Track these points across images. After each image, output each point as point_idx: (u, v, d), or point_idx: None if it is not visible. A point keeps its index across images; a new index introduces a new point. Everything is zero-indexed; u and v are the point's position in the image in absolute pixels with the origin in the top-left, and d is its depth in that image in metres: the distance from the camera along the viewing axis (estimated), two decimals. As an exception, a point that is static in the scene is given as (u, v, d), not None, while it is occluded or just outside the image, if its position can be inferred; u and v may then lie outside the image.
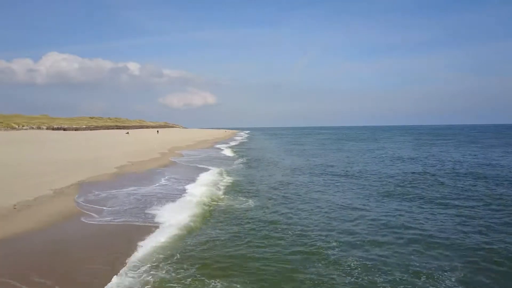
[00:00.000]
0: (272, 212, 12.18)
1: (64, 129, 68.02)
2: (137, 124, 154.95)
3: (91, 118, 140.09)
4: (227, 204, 13.33)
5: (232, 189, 16.23)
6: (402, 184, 17.59)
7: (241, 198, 14.35)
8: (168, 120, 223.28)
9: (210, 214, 11.76)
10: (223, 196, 14.73)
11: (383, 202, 13.80)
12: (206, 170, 22.33)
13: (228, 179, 18.98)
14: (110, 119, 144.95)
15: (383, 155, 33.15)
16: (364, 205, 13.25)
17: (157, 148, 36.92)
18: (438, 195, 14.81)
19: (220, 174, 20.52)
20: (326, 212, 12.11)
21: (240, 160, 29.99)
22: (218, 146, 48.47)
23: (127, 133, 70.17)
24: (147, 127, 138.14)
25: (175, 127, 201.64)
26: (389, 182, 18.35)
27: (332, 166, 25.62)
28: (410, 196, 14.82)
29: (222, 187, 16.59)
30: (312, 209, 12.52)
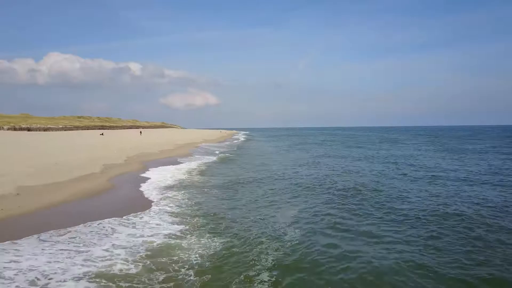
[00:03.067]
0: None
1: (29, 130, 57.74)
2: (130, 124, 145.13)
3: (79, 117, 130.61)
4: None
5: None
6: None
7: None
8: (170, 120, 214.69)
9: None
10: None
11: None
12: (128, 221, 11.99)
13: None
14: (99, 119, 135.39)
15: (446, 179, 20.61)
16: None
17: (114, 156, 26.63)
18: None
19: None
20: None
21: (208, 192, 19.67)
22: (202, 151, 38.07)
23: (102, 134, 60.18)
24: (137, 127, 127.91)
25: (173, 127, 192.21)
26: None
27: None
28: None
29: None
30: None
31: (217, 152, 37.89)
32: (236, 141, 69.10)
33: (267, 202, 13.80)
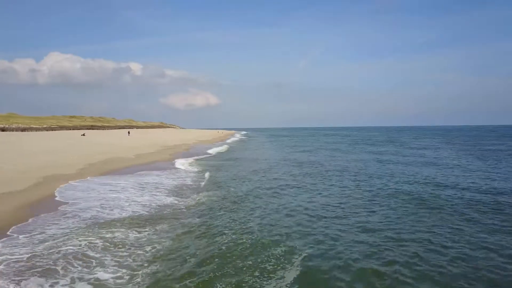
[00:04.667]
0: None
1: (3, 130, 52.90)
2: (124, 124, 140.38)
3: (70, 117, 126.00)
4: None
5: None
6: None
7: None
8: (170, 120, 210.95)
9: None
10: None
11: None
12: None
13: None
14: (92, 118, 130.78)
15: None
16: None
17: (71, 162, 21.55)
18: None
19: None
20: None
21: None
22: (187, 155, 32.93)
23: (83, 134, 55.54)
24: (131, 127, 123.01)
25: (171, 127, 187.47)
26: None
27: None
28: None
29: None
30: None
31: (204, 156, 32.75)
32: (232, 142, 63.99)
33: (249, 251, 8.65)
